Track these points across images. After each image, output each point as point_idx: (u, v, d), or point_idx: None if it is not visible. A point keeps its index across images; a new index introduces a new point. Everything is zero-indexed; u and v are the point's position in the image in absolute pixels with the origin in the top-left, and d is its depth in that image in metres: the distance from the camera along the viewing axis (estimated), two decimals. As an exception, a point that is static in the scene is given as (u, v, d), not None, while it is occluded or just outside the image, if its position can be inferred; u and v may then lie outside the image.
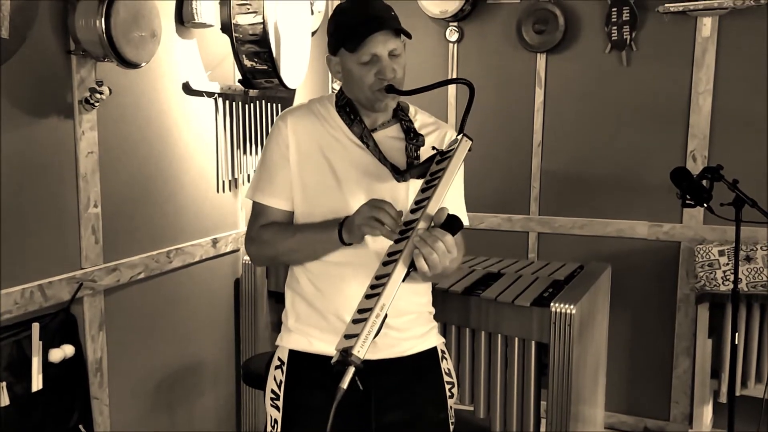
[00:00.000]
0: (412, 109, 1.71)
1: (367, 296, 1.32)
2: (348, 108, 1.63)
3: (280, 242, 1.61)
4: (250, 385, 2.62)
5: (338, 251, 1.58)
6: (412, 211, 1.42)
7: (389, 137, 1.64)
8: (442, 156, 1.49)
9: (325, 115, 1.65)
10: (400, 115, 1.67)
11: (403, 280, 1.34)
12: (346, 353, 1.23)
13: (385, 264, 1.37)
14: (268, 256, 1.68)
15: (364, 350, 1.24)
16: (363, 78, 1.56)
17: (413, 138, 1.62)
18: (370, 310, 1.27)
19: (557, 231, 3.50)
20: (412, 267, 1.34)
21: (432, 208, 1.38)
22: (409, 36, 1.58)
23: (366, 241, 1.56)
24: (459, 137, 1.47)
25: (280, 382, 1.67)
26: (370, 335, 1.25)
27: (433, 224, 1.38)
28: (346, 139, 1.62)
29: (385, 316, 1.29)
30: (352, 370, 1.23)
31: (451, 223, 1.37)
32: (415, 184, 1.59)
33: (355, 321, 1.29)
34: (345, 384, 1.22)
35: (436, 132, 1.69)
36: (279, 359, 1.70)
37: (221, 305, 2.98)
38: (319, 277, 1.63)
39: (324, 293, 1.62)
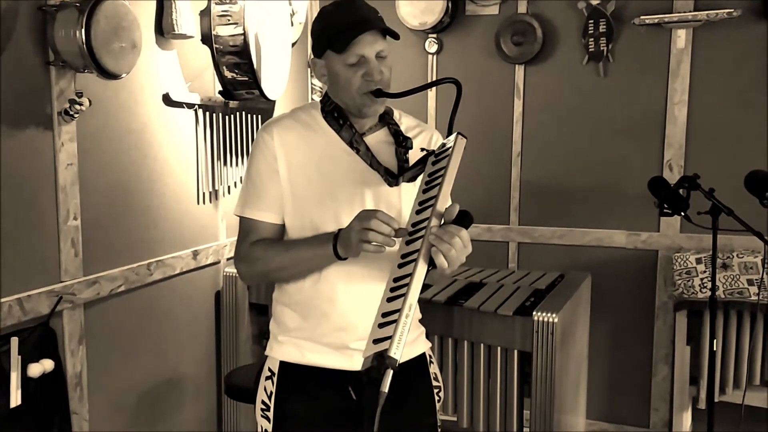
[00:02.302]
0: (396, 113, 1.70)
1: (389, 299, 1.29)
2: (336, 113, 1.61)
3: (271, 259, 1.57)
4: (232, 398, 2.60)
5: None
6: (418, 211, 1.40)
7: (379, 141, 1.62)
8: (437, 156, 1.47)
9: (311, 123, 1.62)
10: (387, 118, 1.66)
11: (424, 279, 1.32)
12: (381, 356, 1.20)
13: (400, 266, 1.34)
14: (259, 274, 1.63)
15: (399, 351, 1.21)
16: (350, 80, 1.54)
17: (402, 141, 1.61)
18: (397, 311, 1.24)
19: (537, 240, 3.53)
20: (431, 265, 1.32)
21: (441, 205, 1.37)
22: (396, 36, 1.57)
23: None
24: (454, 136, 1.45)
25: (271, 392, 1.65)
26: (404, 335, 1.22)
27: (443, 221, 1.37)
28: (334, 146, 1.59)
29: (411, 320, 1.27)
30: (390, 372, 1.19)
31: (464, 219, 1.36)
32: (407, 188, 1.59)
33: (381, 325, 1.26)
34: (386, 387, 1.19)
35: (422, 134, 1.69)
36: (269, 370, 1.67)
37: (202, 318, 2.95)
38: (310, 289, 1.60)
39: (316, 306, 1.60)
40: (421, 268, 1.30)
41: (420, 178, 1.51)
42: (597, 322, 3.21)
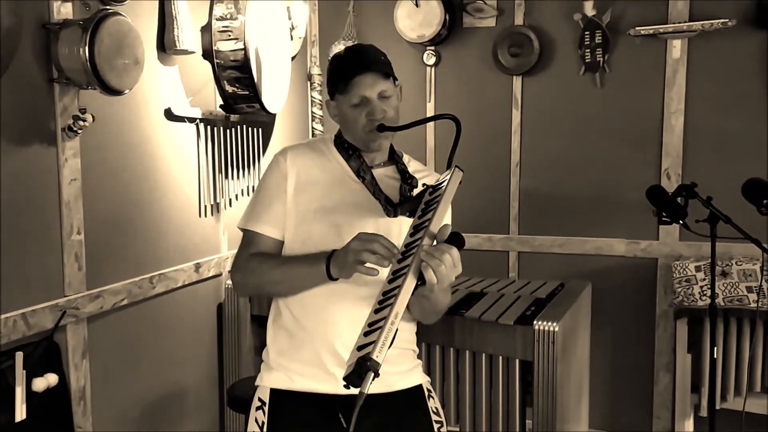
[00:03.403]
0: (405, 157, 1.78)
1: (377, 310, 1.31)
2: (346, 144, 1.69)
3: (266, 271, 1.61)
4: (235, 410, 2.60)
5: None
6: (412, 234, 1.45)
7: (385, 176, 1.70)
8: (434, 188, 1.53)
9: (325, 151, 1.71)
10: (396, 158, 1.74)
11: (412, 294, 1.34)
12: (364, 359, 1.21)
13: (390, 281, 1.37)
14: (253, 285, 1.67)
15: (382, 356, 1.22)
16: (355, 119, 1.63)
17: (408, 179, 1.68)
18: (383, 319, 1.26)
19: (537, 250, 3.54)
20: (420, 281, 1.35)
21: (434, 226, 1.41)
22: (395, 79, 1.66)
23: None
24: (452, 168, 1.52)
25: (263, 423, 1.65)
26: (387, 341, 1.23)
27: (436, 242, 1.41)
28: (342, 173, 1.67)
29: (396, 329, 1.28)
30: (371, 375, 1.20)
31: (455, 240, 1.39)
32: (407, 222, 1.61)
33: (366, 333, 1.28)
34: (366, 389, 1.19)
35: (428, 178, 1.74)
36: (260, 400, 1.68)
37: (204, 330, 2.97)
38: (301, 309, 1.62)
39: (307, 325, 1.62)
40: (410, 281, 1.33)
41: None
42: (598, 330, 3.22)
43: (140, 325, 2.56)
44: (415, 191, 1.67)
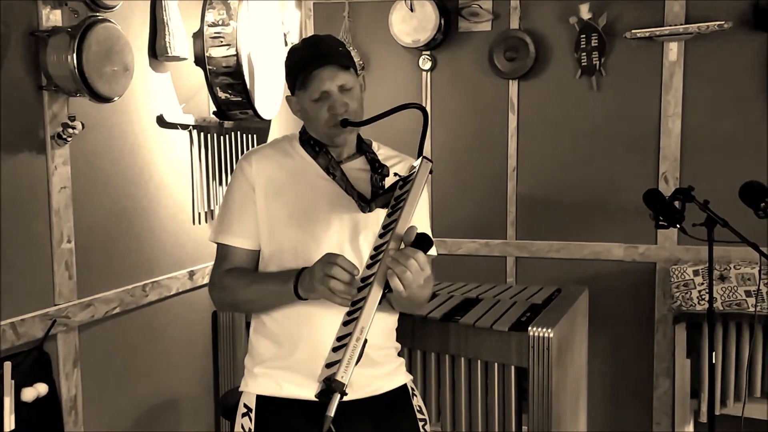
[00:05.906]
0: (375, 144, 1.74)
1: (345, 323, 1.30)
2: (312, 141, 1.65)
3: (238, 290, 1.59)
4: (230, 419, 2.58)
5: None
6: (381, 235, 1.42)
7: (355, 169, 1.65)
8: (405, 181, 1.50)
9: (290, 150, 1.67)
10: (365, 147, 1.70)
11: (380, 303, 1.33)
12: (329, 381, 1.21)
13: (359, 289, 1.35)
14: (229, 303, 1.68)
15: (347, 375, 1.22)
16: (317, 114, 1.59)
17: (378, 168, 1.64)
18: (349, 335, 1.25)
19: (534, 255, 3.52)
20: (387, 288, 1.32)
21: (401, 228, 1.38)
22: (356, 70, 1.62)
23: None
24: (419, 160, 1.48)
25: (249, 430, 1.63)
26: (353, 359, 1.23)
27: (403, 244, 1.37)
28: (311, 172, 1.63)
29: (365, 341, 1.27)
30: (337, 396, 1.20)
31: (422, 242, 1.36)
32: (383, 214, 1.58)
33: (335, 349, 1.27)
34: (332, 412, 1.20)
35: (401, 164, 1.71)
36: (245, 406, 1.66)
37: (199, 338, 2.94)
38: (286, 317, 1.59)
39: (293, 333, 1.59)
40: (376, 291, 1.31)
41: None
42: (596, 335, 3.20)
43: (133, 334, 2.54)
44: (387, 180, 1.63)
